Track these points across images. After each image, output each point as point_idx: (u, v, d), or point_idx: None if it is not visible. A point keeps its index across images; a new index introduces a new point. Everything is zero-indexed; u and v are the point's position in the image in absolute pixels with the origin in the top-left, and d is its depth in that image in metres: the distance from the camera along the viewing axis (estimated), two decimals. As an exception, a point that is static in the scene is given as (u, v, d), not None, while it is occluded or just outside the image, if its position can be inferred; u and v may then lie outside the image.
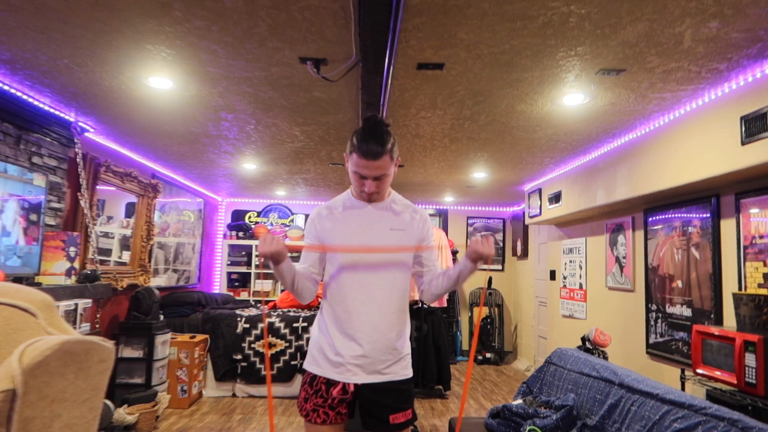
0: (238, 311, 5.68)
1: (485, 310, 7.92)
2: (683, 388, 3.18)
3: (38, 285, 3.33)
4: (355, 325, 1.88)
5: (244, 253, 7.86)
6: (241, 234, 7.80)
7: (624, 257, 4.63)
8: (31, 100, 3.40)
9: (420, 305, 5.78)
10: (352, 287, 1.90)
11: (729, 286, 3.31)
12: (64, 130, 3.82)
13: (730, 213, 3.32)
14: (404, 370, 1.95)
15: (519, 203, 7.67)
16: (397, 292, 1.94)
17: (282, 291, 7.59)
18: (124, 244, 5.04)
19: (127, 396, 4.19)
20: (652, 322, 4.14)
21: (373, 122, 1.86)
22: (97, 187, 4.35)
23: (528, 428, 2.70)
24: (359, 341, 1.88)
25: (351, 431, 2.03)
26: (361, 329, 1.88)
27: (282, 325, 5.43)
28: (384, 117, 3.23)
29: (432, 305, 6.07)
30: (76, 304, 3.64)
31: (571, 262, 5.78)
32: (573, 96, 3.15)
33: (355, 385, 1.88)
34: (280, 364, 5.33)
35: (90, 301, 3.85)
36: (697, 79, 2.84)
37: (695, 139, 3.23)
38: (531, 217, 6.25)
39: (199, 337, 5.20)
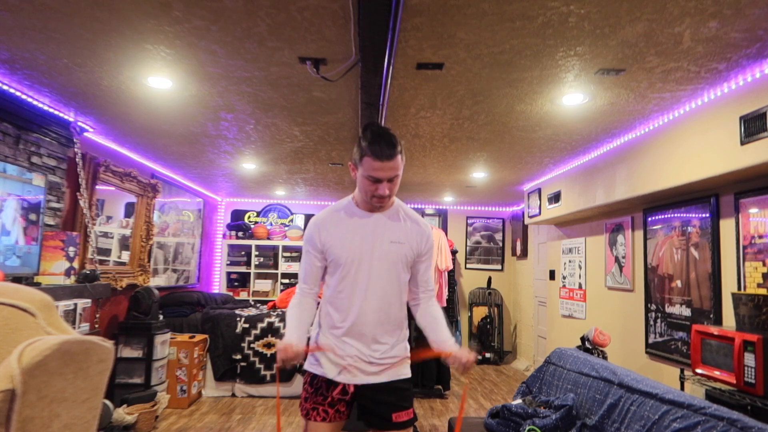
0: (237, 311, 5.68)
1: (484, 310, 7.92)
2: (682, 388, 3.19)
3: (37, 285, 3.32)
4: (355, 329, 1.89)
5: (243, 253, 7.86)
6: (240, 234, 7.80)
7: (623, 257, 4.64)
8: (30, 99, 3.40)
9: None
10: (352, 292, 1.91)
11: (728, 285, 3.31)
12: (64, 129, 3.82)
13: (730, 213, 3.33)
14: (403, 370, 1.96)
15: (518, 203, 7.67)
16: (396, 296, 1.94)
17: (281, 291, 7.59)
18: (124, 243, 5.04)
19: (126, 396, 4.19)
20: (652, 322, 4.14)
21: (378, 126, 1.87)
22: (97, 186, 4.35)
23: (527, 428, 2.70)
24: (358, 344, 1.89)
25: (350, 431, 2.04)
26: (361, 332, 1.89)
27: (282, 325, 5.42)
28: (383, 118, 3.24)
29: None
30: (76, 304, 3.64)
31: (570, 261, 5.78)
32: (572, 96, 3.15)
33: (355, 386, 1.89)
34: (280, 364, 5.32)
35: (89, 301, 3.84)
36: (697, 78, 2.85)
37: (694, 139, 3.23)
38: (530, 216, 6.25)
39: (199, 337, 5.20)
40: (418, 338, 5.62)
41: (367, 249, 1.91)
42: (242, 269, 7.80)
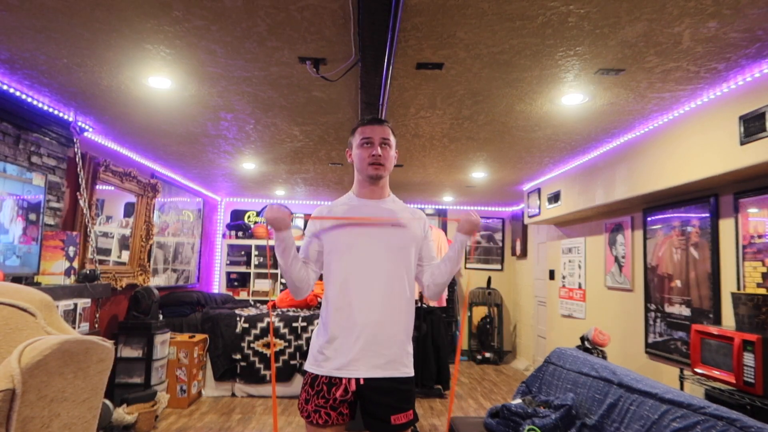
0: (237, 311, 5.68)
1: (484, 310, 7.92)
2: (682, 388, 3.19)
3: (37, 285, 3.33)
4: (358, 319, 1.89)
5: (243, 252, 7.86)
6: (240, 234, 7.81)
7: (623, 257, 4.64)
8: (30, 99, 3.40)
9: (419, 305, 5.79)
10: (355, 281, 1.91)
11: (728, 285, 3.31)
12: (63, 129, 3.82)
13: (729, 213, 3.33)
14: (405, 368, 1.95)
15: (518, 203, 7.67)
16: (400, 283, 1.94)
17: (281, 291, 7.60)
18: (123, 243, 5.04)
19: (126, 396, 4.18)
20: (651, 322, 4.15)
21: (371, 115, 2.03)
22: (96, 186, 4.35)
23: (527, 428, 2.71)
24: (361, 335, 1.88)
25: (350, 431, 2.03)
26: (364, 323, 1.89)
27: (281, 324, 5.43)
28: (383, 118, 3.25)
29: (431, 305, 6.07)
30: (76, 304, 3.64)
31: (570, 261, 5.78)
32: (572, 96, 3.15)
33: (357, 384, 1.87)
34: (280, 364, 5.33)
35: (89, 300, 3.84)
36: (696, 78, 2.85)
37: (694, 139, 3.23)
38: (530, 216, 6.26)
39: (199, 336, 5.20)
40: (417, 338, 5.63)
41: (368, 235, 1.94)
42: (242, 269, 7.80)
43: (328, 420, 1.88)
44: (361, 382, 1.88)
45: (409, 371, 1.96)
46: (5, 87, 3.20)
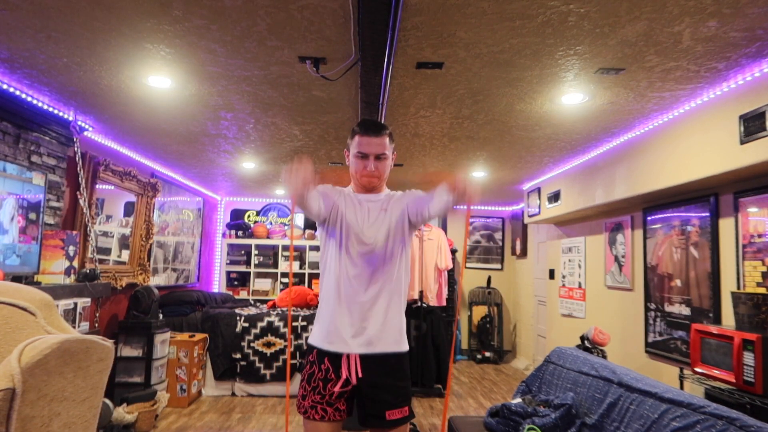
0: (237, 310, 5.68)
1: (484, 310, 7.92)
2: (682, 387, 3.19)
3: (37, 284, 3.32)
4: (354, 302, 1.94)
5: (243, 252, 7.86)
6: (240, 233, 7.81)
7: (623, 256, 4.64)
8: (30, 98, 3.39)
9: (419, 304, 5.79)
10: (350, 266, 1.96)
11: (727, 284, 3.31)
12: (63, 128, 3.81)
13: (729, 212, 3.33)
14: (399, 345, 1.98)
15: (518, 202, 7.67)
16: (394, 268, 1.99)
17: (281, 290, 7.60)
18: (123, 243, 5.04)
19: (126, 395, 4.18)
20: (651, 321, 4.15)
21: (369, 118, 1.98)
22: (96, 186, 4.35)
23: (527, 427, 2.71)
24: (357, 317, 1.93)
25: (349, 429, 2.04)
26: (360, 306, 1.94)
27: (281, 324, 5.43)
28: (383, 118, 3.25)
29: (431, 304, 6.05)
30: (76, 303, 3.64)
31: (570, 261, 5.78)
32: (572, 95, 3.15)
33: (357, 378, 1.90)
34: (279, 363, 5.33)
35: (89, 300, 3.84)
36: (696, 78, 2.85)
37: (694, 138, 3.23)
38: (530, 216, 6.26)
39: (199, 336, 5.20)
40: (417, 337, 5.63)
41: (363, 222, 2.00)
42: (242, 268, 7.81)
43: (324, 416, 1.90)
44: (360, 374, 1.89)
45: (403, 348, 1.99)
46: (5, 86, 3.20)
